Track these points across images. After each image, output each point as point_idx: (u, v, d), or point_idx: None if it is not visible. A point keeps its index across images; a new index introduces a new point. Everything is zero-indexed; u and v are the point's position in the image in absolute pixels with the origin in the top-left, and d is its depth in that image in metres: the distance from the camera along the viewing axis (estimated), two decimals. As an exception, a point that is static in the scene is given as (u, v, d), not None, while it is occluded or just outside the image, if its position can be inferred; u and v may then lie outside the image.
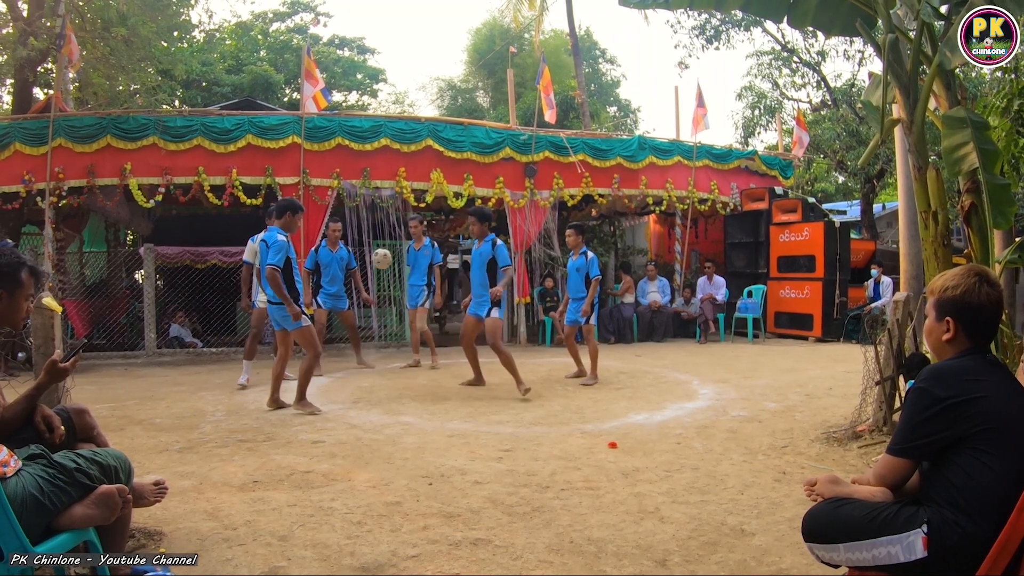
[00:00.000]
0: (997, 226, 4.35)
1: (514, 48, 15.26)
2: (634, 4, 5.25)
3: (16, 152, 9.71)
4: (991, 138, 4.38)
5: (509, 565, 3.01)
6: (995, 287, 2.11)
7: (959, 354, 2.11)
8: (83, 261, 12.54)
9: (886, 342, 5.04)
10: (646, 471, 4.34)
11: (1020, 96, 5.16)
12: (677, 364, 9.22)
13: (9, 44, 11.58)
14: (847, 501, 2.12)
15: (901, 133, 6.77)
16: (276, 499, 3.84)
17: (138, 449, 4.86)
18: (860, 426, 5.09)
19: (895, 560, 1.97)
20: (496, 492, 3.94)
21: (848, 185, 20.28)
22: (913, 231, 7.21)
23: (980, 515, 1.90)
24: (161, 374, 8.87)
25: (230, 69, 21.50)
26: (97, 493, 2.36)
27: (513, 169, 11.52)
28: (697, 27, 18.28)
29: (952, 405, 1.98)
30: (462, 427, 5.60)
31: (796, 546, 3.03)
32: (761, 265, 13.00)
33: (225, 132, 10.17)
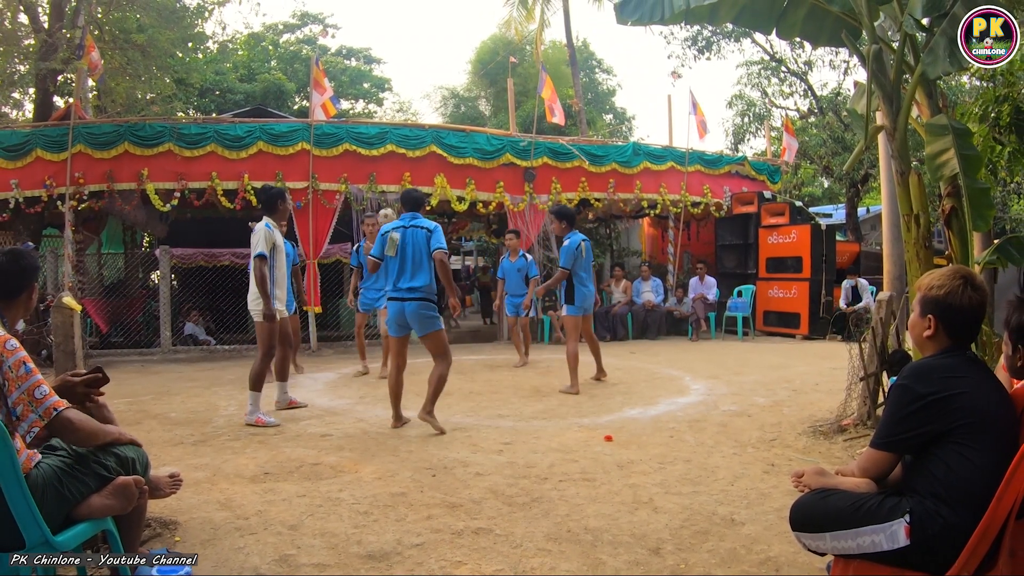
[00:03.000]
0: (977, 228, 4.35)
1: (514, 59, 15.21)
2: (632, 22, 5.24)
3: (38, 158, 9.71)
4: (973, 144, 4.38)
5: (509, 553, 3.00)
6: (979, 291, 2.11)
7: (940, 352, 2.12)
8: (101, 262, 12.56)
9: (870, 340, 5.04)
10: (640, 463, 4.34)
11: (998, 103, 5.15)
12: (670, 361, 9.21)
13: (31, 55, 11.58)
14: (833, 492, 2.12)
15: (885, 140, 6.80)
16: (286, 490, 3.84)
17: (154, 442, 4.86)
18: (845, 420, 5.08)
19: (879, 548, 1.97)
20: (497, 483, 3.94)
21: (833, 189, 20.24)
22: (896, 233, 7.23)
23: (960, 505, 1.90)
24: (176, 370, 8.87)
25: (242, 78, 21.52)
26: (115, 484, 2.36)
27: (513, 174, 11.52)
28: (689, 38, 18.27)
29: (933, 401, 1.98)
30: (464, 421, 5.60)
31: (784, 535, 3.03)
32: (750, 266, 13.01)
33: (237, 139, 10.17)
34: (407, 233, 5.18)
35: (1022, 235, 4.67)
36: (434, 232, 5.18)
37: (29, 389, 2.17)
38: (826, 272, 11.95)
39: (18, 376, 2.16)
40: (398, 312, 5.19)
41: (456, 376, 7.81)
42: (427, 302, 5.17)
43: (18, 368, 2.17)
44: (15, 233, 10.12)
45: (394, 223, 5.37)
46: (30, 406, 2.17)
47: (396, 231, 5.20)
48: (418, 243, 5.15)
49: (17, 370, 2.16)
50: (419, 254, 5.14)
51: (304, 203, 10.34)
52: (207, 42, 18.10)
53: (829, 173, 17.10)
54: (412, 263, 5.14)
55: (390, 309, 5.29)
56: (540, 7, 21.31)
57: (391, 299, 5.25)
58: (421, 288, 5.12)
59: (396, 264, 5.19)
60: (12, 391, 2.15)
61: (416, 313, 5.14)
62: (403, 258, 5.16)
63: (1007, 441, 1.94)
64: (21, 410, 2.16)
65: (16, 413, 2.15)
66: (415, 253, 5.14)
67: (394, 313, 5.22)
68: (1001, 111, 5.08)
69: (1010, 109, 5.03)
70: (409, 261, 5.14)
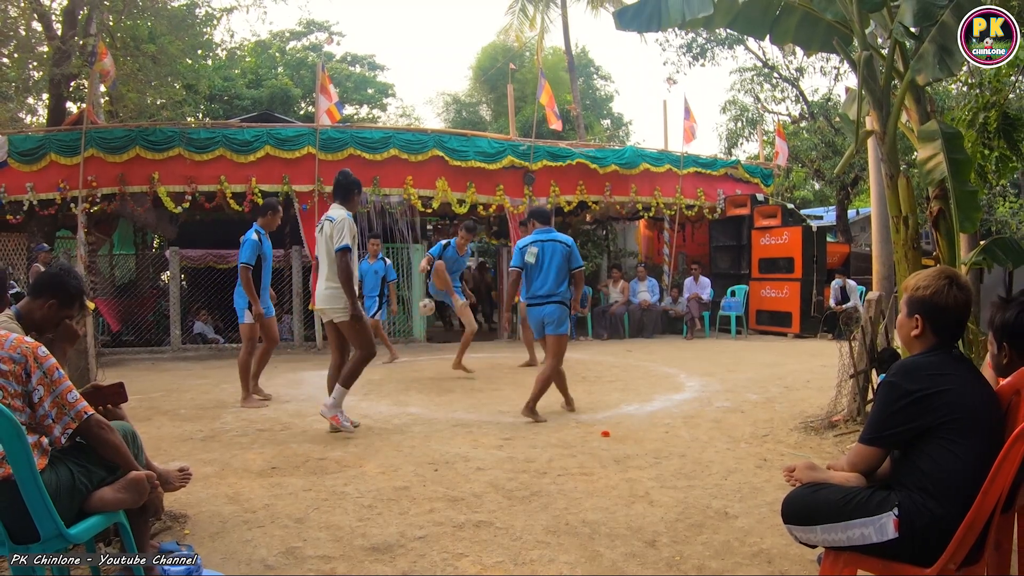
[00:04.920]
0: (964, 230, 4.35)
1: (514, 65, 15.24)
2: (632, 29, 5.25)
3: (52, 162, 9.71)
4: (962, 147, 4.37)
5: (509, 545, 3.00)
6: (964, 290, 2.11)
7: (926, 350, 2.12)
8: (113, 263, 12.56)
9: (860, 338, 5.04)
10: (636, 458, 4.34)
11: (985, 109, 5.15)
12: (665, 359, 9.21)
13: (45, 62, 11.59)
14: (824, 486, 2.12)
15: (874, 144, 6.78)
16: (292, 484, 3.84)
17: (164, 438, 4.85)
18: (835, 416, 5.08)
19: (868, 540, 1.97)
20: (497, 478, 3.94)
21: (824, 192, 20.24)
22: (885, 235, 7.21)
23: (947, 499, 1.90)
24: (185, 368, 8.87)
25: (250, 84, 21.51)
26: (127, 478, 2.36)
27: (513, 177, 11.51)
28: (684, 45, 18.26)
29: (919, 398, 1.98)
30: (466, 417, 5.60)
31: (776, 528, 3.02)
32: (744, 267, 13.01)
33: (245, 143, 10.16)
34: (546, 246, 5.61)
35: (1007, 237, 4.67)
36: (572, 248, 5.67)
37: (62, 394, 2.26)
38: (817, 272, 11.98)
39: (52, 381, 2.25)
40: (539, 314, 5.61)
41: (457, 374, 7.82)
42: (562, 305, 5.57)
43: (52, 374, 2.25)
44: (29, 235, 10.13)
45: (531, 237, 5.74)
46: (64, 409, 2.27)
47: (535, 245, 5.63)
48: (556, 255, 5.58)
49: (51, 375, 2.25)
50: (557, 265, 5.56)
51: (310, 206, 10.33)
52: (216, 49, 18.12)
53: (820, 176, 17.10)
54: (554, 272, 5.56)
55: (532, 313, 5.69)
56: (540, 15, 21.36)
57: (530, 305, 5.67)
58: (558, 294, 5.56)
59: (536, 273, 5.60)
60: (46, 397, 2.23)
61: (552, 315, 5.55)
62: (541, 268, 5.58)
63: (992, 437, 1.94)
64: (56, 413, 2.25)
65: (51, 416, 2.24)
66: (553, 264, 5.55)
67: (536, 316, 5.65)
68: (989, 117, 5.08)
69: (997, 115, 5.03)
70: (549, 270, 5.56)
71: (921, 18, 4.12)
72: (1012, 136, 5.09)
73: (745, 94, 19.36)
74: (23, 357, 2.20)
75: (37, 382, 2.22)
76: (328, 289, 5.03)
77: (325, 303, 5.07)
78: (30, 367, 2.21)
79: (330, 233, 4.99)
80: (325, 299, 5.06)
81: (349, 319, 4.98)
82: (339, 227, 4.94)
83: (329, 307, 5.06)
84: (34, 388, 2.21)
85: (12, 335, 2.24)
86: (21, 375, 2.19)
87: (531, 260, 5.59)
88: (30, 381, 2.21)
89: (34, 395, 2.22)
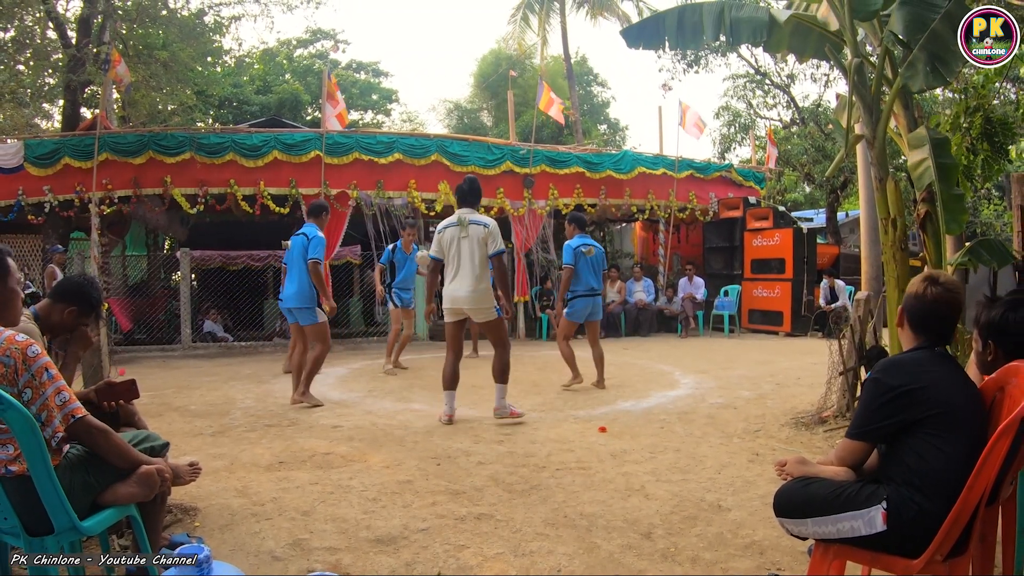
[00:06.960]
0: (950, 232, 4.35)
1: (514, 72, 15.22)
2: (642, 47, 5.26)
3: (66, 165, 9.71)
4: (950, 152, 4.37)
5: (509, 537, 3.00)
6: (947, 288, 2.09)
7: (911, 348, 2.13)
8: (125, 264, 12.57)
9: (849, 337, 5.03)
10: (633, 453, 4.34)
11: (969, 115, 5.15)
12: (661, 357, 9.21)
13: (60, 69, 11.59)
14: (814, 480, 2.11)
15: (864, 148, 6.79)
16: (299, 478, 3.84)
17: (175, 433, 4.85)
18: (825, 412, 5.08)
19: (857, 533, 1.96)
20: (497, 472, 3.94)
21: (815, 195, 20.20)
22: (874, 236, 7.21)
23: (934, 493, 1.90)
24: (196, 365, 8.87)
25: (258, 91, 21.51)
26: (139, 473, 2.35)
27: (513, 181, 11.51)
28: (679, 53, 18.24)
29: (902, 393, 1.98)
30: (467, 413, 5.60)
31: (768, 520, 3.02)
32: (736, 267, 13.00)
33: (254, 148, 10.16)
34: (595, 248, 6.81)
35: (992, 238, 4.67)
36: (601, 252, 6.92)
37: (49, 397, 2.13)
38: (807, 273, 11.96)
39: (40, 384, 2.12)
40: (593, 304, 6.70)
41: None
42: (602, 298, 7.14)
43: (40, 376, 2.12)
44: (44, 236, 10.13)
45: (579, 240, 6.67)
46: (52, 412, 2.13)
47: (585, 247, 6.67)
48: (598, 257, 6.77)
49: (39, 377, 2.12)
50: (599, 266, 6.80)
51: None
52: (225, 56, 18.10)
53: (811, 180, 17.08)
54: (599, 271, 6.82)
55: (585, 304, 6.65)
56: (541, 24, 21.37)
57: (584, 296, 6.64)
58: (599, 289, 6.83)
59: (587, 270, 6.63)
60: (36, 399, 2.12)
61: (600, 305, 6.88)
62: (590, 267, 6.65)
63: (976, 433, 1.94)
64: (45, 416, 2.13)
65: (41, 419, 2.11)
66: (596, 265, 6.73)
67: (589, 305, 6.68)
68: (973, 121, 5.07)
69: (981, 120, 5.02)
70: (597, 269, 6.76)
71: (912, 28, 4.12)
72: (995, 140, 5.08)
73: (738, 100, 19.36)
74: (11, 359, 2.08)
75: (24, 384, 2.10)
76: (475, 291, 5.19)
77: (473, 303, 5.23)
78: (19, 369, 2.09)
79: (483, 238, 5.17)
80: (473, 300, 5.21)
81: (496, 318, 5.29)
82: (494, 233, 5.19)
83: (477, 307, 5.24)
84: (22, 390, 2.10)
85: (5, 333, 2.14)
86: (12, 376, 2.09)
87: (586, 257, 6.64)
88: (18, 383, 2.10)
89: (23, 397, 2.10)
